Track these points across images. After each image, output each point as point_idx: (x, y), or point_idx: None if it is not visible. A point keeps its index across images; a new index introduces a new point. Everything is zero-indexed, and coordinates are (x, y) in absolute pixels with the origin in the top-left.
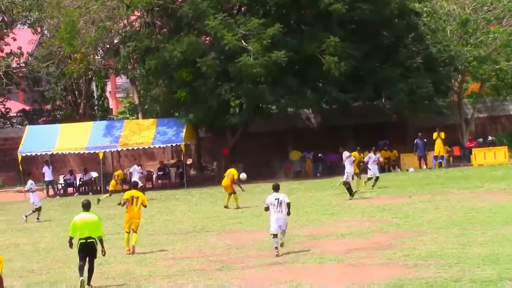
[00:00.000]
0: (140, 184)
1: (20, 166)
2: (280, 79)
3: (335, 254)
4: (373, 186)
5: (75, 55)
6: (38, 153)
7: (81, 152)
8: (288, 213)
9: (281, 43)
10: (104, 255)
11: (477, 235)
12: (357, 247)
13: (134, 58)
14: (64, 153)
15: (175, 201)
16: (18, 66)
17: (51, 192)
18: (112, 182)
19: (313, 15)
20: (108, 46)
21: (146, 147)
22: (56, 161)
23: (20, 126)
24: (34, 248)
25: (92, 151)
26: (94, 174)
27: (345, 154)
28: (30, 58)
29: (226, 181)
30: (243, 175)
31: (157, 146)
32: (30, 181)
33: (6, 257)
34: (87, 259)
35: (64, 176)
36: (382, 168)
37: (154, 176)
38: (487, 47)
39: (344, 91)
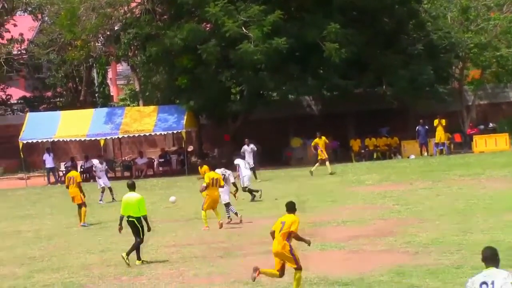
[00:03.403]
0: (251, 163)
1: (21, 153)
2: (281, 66)
3: (336, 241)
4: None
5: (75, 42)
6: (39, 140)
7: (82, 139)
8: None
9: (282, 30)
10: (149, 231)
11: (479, 222)
12: (359, 234)
13: (135, 45)
14: (65, 140)
15: (176, 188)
16: (19, 53)
17: (52, 179)
18: (319, 152)
19: (314, 1)
20: (108, 33)
21: (147, 134)
22: (57, 148)
23: (21, 113)
24: (35, 235)
25: (93, 138)
26: (95, 162)
27: None
28: (30, 45)
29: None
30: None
31: (158, 133)
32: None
33: (8, 243)
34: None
35: (65, 163)
36: (383, 155)
37: (156, 163)
38: (488, 33)
39: (345, 78)
